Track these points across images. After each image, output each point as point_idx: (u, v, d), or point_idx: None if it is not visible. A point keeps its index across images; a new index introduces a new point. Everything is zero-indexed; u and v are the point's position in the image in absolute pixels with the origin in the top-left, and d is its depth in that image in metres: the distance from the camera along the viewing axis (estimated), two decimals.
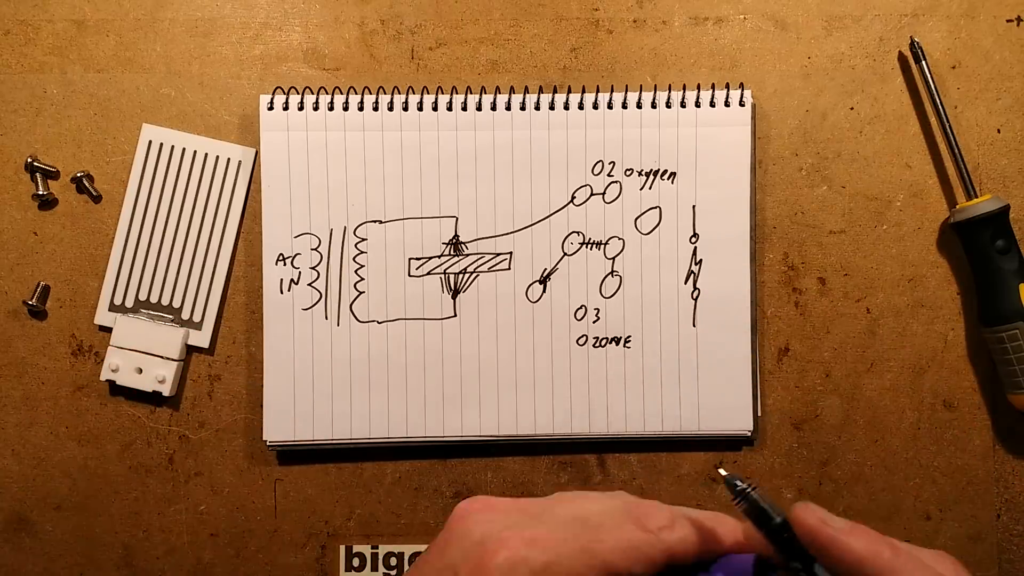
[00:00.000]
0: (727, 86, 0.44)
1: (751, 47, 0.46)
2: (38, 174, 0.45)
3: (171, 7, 0.45)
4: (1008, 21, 0.46)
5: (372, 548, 0.45)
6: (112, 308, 0.45)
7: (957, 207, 0.44)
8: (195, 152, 0.45)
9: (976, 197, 0.43)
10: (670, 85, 0.45)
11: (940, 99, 0.44)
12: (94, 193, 0.45)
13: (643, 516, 0.30)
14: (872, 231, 0.46)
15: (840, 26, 0.46)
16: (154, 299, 0.45)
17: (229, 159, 0.45)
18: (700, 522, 0.29)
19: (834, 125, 0.46)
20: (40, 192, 0.45)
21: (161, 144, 0.45)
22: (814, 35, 0.46)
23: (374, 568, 0.45)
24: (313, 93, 0.44)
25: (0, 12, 0.45)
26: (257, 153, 0.45)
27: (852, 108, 0.46)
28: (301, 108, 0.44)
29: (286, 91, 0.44)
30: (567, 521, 0.29)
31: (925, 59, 0.44)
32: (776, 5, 0.46)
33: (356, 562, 0.45)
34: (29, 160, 0.45)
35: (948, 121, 0.44)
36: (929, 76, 0.44)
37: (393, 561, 0.45)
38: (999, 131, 0.46)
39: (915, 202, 0.46)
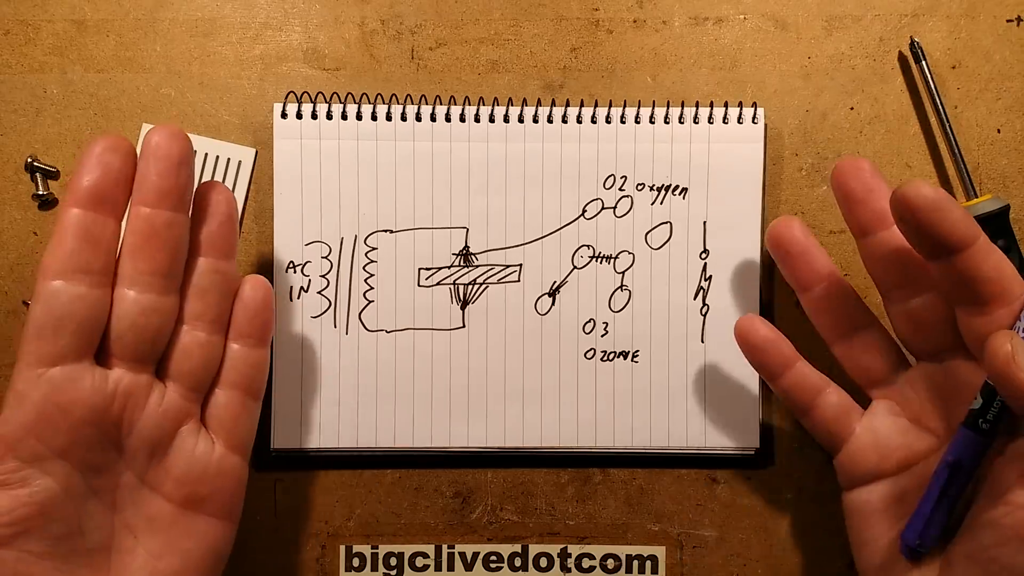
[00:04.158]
0: (740, 104, 0.44)
1: (751, 47, 0.46)
2: (38, 174, 0.45)
3: (171, 7, 0.45)
4: (1008, 21, 0.46)
5: (372, 548, 0.45)
6: None
7: None
8: (195, 152, 0.45)
9: (976, 197, 0.43)
10: (683, 101, 0.45)
11: (940, 99, 0.44)
12: None
13: None
14: None
15: (840, 26, 0.46)
16: None
17: (229, 159, 0.45)
18: None
19: (834, 125, 0.46)
20: (40, 192, 0.45)
21: None
22: (814, 35, 0.46)
23: (374, 568, 0.45)
24: (326, 101, 0.44)
25: (0, 12, 0.45)
26: (257, 153, 0.45)
27: (852, 108, 0.46)
28: (315, 117, 0.44)
29: (299, 97, 0.44)
30: None
31: (925, 59, 0.44)
32: (776, 5, 0.46)
33: (356, 562, 0.45)
34: (29, 160, 0.45)
35: (948, 121, 0.44)
36: (929, 76, 0.44)
37: (393, 561, 0.45)
38: (999, 131, 0.46)
39: None
